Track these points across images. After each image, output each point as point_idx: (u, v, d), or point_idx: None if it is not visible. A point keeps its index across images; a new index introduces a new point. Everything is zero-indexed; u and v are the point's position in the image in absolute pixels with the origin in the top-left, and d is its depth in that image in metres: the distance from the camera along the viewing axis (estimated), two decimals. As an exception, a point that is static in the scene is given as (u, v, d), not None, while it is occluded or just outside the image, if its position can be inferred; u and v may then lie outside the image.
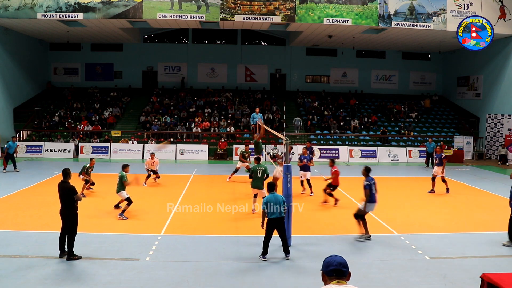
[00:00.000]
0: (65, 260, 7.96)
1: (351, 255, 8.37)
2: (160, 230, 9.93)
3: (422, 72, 32.03)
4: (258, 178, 11.59)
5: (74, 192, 8.07)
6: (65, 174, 8.21)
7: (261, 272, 7.65)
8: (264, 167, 11.72)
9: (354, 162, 23.58)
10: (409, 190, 15.90)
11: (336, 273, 3.08)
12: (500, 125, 24.86)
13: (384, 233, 10.23)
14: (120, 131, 24.91)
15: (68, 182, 8.15)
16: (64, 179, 8.19)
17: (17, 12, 21.21)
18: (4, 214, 11.11)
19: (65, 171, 8.24)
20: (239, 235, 9.74)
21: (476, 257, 8.59)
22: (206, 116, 27.12)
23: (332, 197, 12.84)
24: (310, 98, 29.73)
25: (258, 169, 11.59)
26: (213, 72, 31.02)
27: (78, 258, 8.02)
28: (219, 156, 23.50)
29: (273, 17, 21.62)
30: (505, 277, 5.81)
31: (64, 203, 8.08)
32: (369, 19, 21.91)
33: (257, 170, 11.57)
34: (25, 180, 15.96)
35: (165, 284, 7.05)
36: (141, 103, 28.73)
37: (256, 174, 11.59)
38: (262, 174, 11.61)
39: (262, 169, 11.60)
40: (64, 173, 8.23)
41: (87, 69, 30.73)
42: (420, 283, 7.25)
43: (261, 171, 11.58)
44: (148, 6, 21.31)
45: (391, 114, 29.02)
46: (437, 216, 11.82)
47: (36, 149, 23.44)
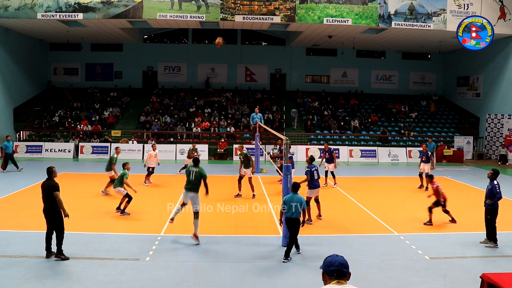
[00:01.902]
0: (53, 260, 7.89)
1: (351, 255, 8.36)
2: (160, 230, 9.93)
3: (422, 72, 32.03)
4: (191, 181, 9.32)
5: (55, 189, 7.93)
6: (49, 172, 8.14)
7: (261, 272, 7.64)
8: (201, 169, 9.45)
9: (354, 162, 23.58)
10: (409, 190, 15.90)
11: (337, 273, 3.09)
12: (500, 125, 24.86)
13: (384, 233, 10.23)
14: (120, 131, 24.92)
15: (52, 180, 8.07)
16: (49, 176, 8.12)
17: (17, 12, 21.20)
18: (4, 214, 11.12)
19: (49, 169, 8.17)
20: (239, 235, 9.73)
21: (476, 257, 8.59)
22: (206, 116, 27.13)
23: (448, 214, 11.22)
24: (310, 98, 29.73)
25: (192, 170, 9.40)
26: (213, 72, 31.02)
27: (65, 258, 7.90)
28: (219, 156, 23.50)
29: (273, 17, 21.61)
30: (505, 277, 5.81)
31: (46, 201, 7.99)
32: (369, 19, 21.91)
33: (191, 171, 9.40)
34: (25, 180, 15.95)
35: (165, 284, 7.04)
36: (141, 103, 28.74)
37: (190, 175, 9.39)
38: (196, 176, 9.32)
39: (196, 170, 9.38)
40: (48, 171, 8.16)
41: (87, 69, 30.73)
42: (420, 283, 7.25)
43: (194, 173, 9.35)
44: (148, 6, 21.30)
45: (391, 114, 29.02)
46: (437, 216, 11.81)
47: (36, 149, 23.44)
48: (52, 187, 7.94)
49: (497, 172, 9.49)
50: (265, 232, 10.04)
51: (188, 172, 9.49)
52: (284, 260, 8.12)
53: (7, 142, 18.04)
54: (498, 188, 9.12)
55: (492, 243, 9.14)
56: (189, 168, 9.57)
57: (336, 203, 13.41)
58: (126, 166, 11.79)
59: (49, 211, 7.97)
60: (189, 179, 9.38)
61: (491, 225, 9.15)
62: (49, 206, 7.97)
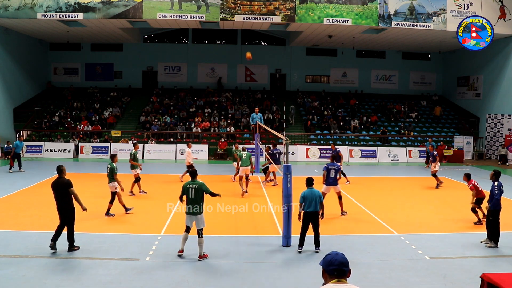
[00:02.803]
0: (67, 252, 8.25)
1: (351, 255, 8.29)
2: (160, 230, 9.93)
3: (422, 72, 32.03)
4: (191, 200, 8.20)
5: (69, 186, 8.28)
6: (59, 170, 8.48)
7: (261, 272, 7.64)
8: (199, 183, 8.30)
9: (354, 162, 23.58)
10: (409, 190, 15.90)
11: (337, 272, 3.10)
12: (500, 125, 24.86)
13: (384, 233, 10.23)
14: (120, 131, 24.92)
15: (63, 177, 8.40)
16: (59, 175, 8.44)
17: (17, 12, 21.21)
18: (4, 214, 11.11)
19: (60, 167, 8.52)
20: (239, 235, 9.73)
21: (476, 257, 8.58)
22: (206, 116, 27.13)
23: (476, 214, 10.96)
24: (310, 98, 29.73)
25: (190, 187, 8.22)
26: (213, 72, 31.02)
27: (77, 248, 8.40)
28: (219, 156, 23.51)
29: (273, 17, 21.62)
30: (505, 277, 5.81)
31: (59, 198, 8.27)
32: (369, 19, 21.91)
33: (189, 188, 8.22)
34: (25, 180, 15.95)
35: (165, 284, 7.04)
36: (141, 103, 28.73)
37: (188, 193, 8.21)
38: (196, 193, 8.19)
39: (195, 187, 8.23)
40: (58, 169, 8.50)
41: (87, 69, 30.73)
42: (420, 283, 7.25)
43: (193, 190, 8.20)
44: (148, 6, 21.30)
45: (391, 114, 29.02)
46: (437, 216, 11.82)
47: (36, 149, 23.45)
48: (66, 184, 8.28)
49: (498, 173, 9.37)
50: (265, 232, 10.03)
51: (186, 190, 8.21)
52: (298, 248, 8.60)
53: (18, 142, 18.39)
54: (498, 189, 9.09)
55: (493, 243, 9.13)
56: (185, 185, 8.29)
57: (336, 203, 13.39)
58: (114, 159, 11.52)
59: (63, 208, 8.27)
60: (189, 198, 8.17)
61: (492, 226, 9.12)
62: (63, 203, 8.27)
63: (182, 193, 8.35)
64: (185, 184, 8.37)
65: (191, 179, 8.41)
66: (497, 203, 9.03)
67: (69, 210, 8.29)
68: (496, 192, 9.05)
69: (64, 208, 8.25)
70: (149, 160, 23.01)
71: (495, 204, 9.03)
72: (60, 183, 8.30)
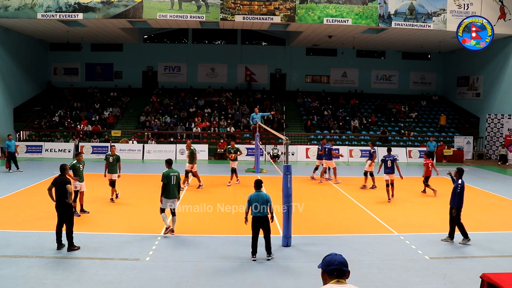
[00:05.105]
0: (66, 252, 8.31)
1: (351, 255, 8.36)
2: (160, 230, 9.93)
3: (422, 72, 32.03)
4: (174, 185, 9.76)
5: (67, 183, 8.49)
6: (62, 169, 8.79)
7: (261, 272, 7.64)
8: (177, 172, 9.95)
9: (354, 162, 23.58)
10: (409, 190, 15.89)
11: (337, 272, 3.09)
12: (500, 125, 24.86)
13: (384, 233, 10.23)
14: (120, 131, 24.91)
15: (64, 176, 8.69)
16: (61, 173, 8.73)
17: (17, 12, 21.20)
18: (4, 214, 11.11)
19: (63, 166, 8.83)
20: (239, 235, 9.72)
21: (476, 257, 8.59)
22: (206, 116, 27.13)
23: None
24: (310, 98, 29.73)
25: (172, 175, 9.74)
26: (213, 72, 31.02)
27: (77, 248, 8.43)
28: (219, 156, 23.50)
29: (273, 17, 21.61)
30: (505, 277, 5.81)
31: (58, 195, 8.46)
32: (369, 19, 21.91)
33: (171, 176, 9.70)
34: (25, 180, 15.95)
35: (165, 284, 7.05)
36: (141, 103, 28.73)
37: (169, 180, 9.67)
38: (177, 179, 9.80)
39: (176, 175, 9.81)
40: (61, 168, 8.80)
41: (87, 69, 30.73)
42: (420, 283, 7.25)
43: (175, 177, 9.77)
44: (148, 6, 21.30)
45: (391, 114, 29.02)
46: (437, 216, 11.82)
47: (36, 149, 23.45)
48: (64, 181, 8.56)
49: (462, 171, 9.75)
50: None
51: (169, 178, 9.62)
52: (252, 257, 8.14)
53: (8, 141, 18.05)
54: (461, 187, 9.37)
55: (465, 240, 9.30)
56: (168, 173, 9.65)
57: (336, 203, 13.41)
58: (78, 157, 11.36)
59: (61, 205, 8.42)
60: (172, 184, 9.67)
61: (458, 223, 9.34)
62: (61, 201, 8.43)
63: (166, 180, 9.58)
64: (167, 172, 9.64)
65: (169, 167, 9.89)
66: (460, 202, 9.30)
67: (68, 208, 8.44)
68: (459, 191, 9.32)
69: (61, 205, 8.40)
70: (149, 160, 23.02)
71: (459, 202, 9.30)
72: (60, 180, 8.54)
